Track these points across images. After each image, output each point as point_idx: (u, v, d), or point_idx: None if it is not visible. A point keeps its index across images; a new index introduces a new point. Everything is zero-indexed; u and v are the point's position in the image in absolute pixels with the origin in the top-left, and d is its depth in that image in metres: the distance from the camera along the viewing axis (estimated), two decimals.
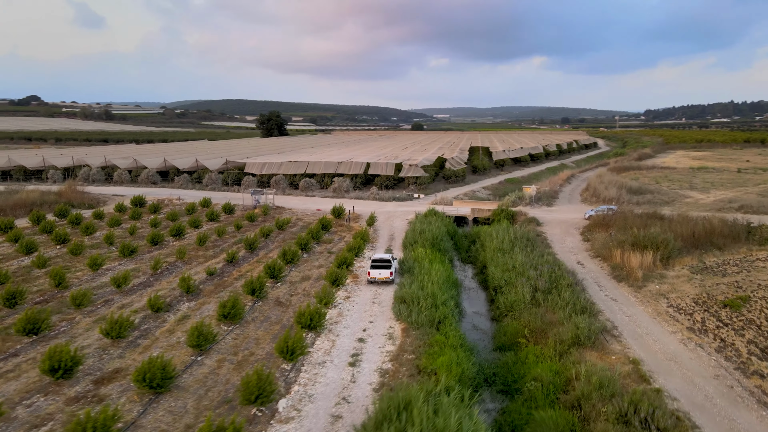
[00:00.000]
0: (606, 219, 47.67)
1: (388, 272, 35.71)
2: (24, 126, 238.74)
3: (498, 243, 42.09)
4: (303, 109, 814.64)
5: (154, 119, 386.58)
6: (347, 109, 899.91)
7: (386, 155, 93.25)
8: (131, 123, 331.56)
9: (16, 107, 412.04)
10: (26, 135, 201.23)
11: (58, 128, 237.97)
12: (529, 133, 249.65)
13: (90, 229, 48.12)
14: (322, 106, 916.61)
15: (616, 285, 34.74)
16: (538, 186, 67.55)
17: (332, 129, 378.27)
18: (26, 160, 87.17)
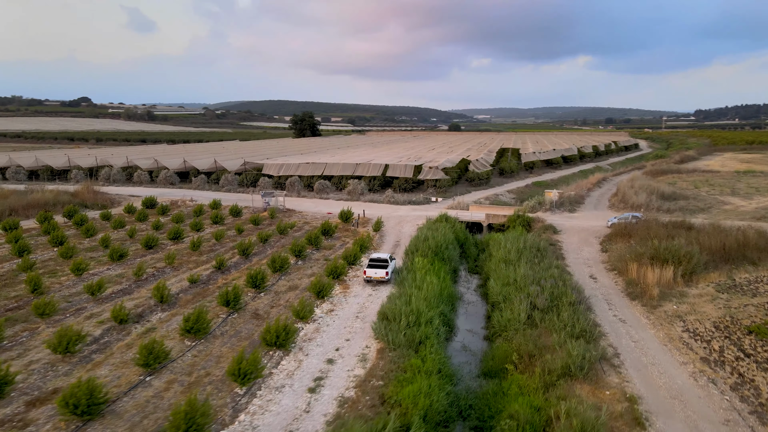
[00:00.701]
0: (628, 228, 43.88)
1: (383, 272, 35.41)
2: (68, 126, 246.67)
3: (504, 253, 39.06)
4: (343, 110, 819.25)
5: (195, 120, 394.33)
6: (387, 110, 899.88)
7: (409, 156, 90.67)
8: (172, 123, 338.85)
9: (66, 108, 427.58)
10: (69, 135, 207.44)
11: (100, 129, 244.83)
12: (568, 134, 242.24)
13: (90, 231, 47.48)
14: (362, 107, 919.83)
15: (628, 303, 31.30)
16: (561, 191, 63.73)
17: (368, 129, 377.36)
18: (52, 160, 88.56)
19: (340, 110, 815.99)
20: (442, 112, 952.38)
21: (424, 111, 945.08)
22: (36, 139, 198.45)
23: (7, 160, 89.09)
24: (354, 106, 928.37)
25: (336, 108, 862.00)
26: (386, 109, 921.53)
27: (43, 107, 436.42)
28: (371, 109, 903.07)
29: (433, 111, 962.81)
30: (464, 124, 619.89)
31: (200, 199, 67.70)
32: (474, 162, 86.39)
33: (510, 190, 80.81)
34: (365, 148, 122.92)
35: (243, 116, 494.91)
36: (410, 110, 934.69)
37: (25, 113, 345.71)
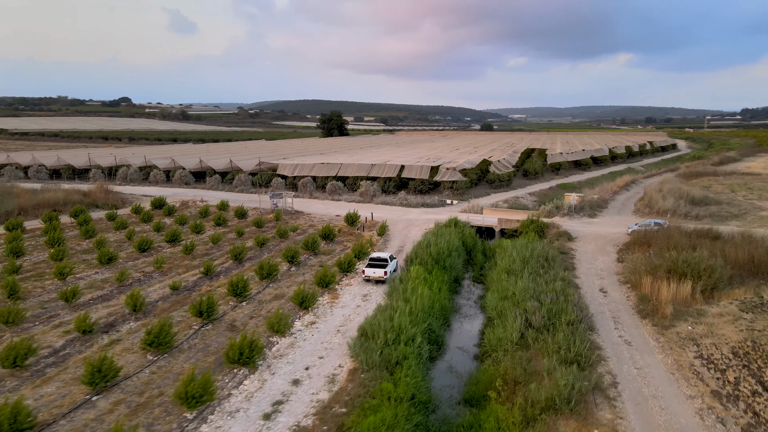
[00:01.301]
0: (647, 236, 40.55)
1: (382, 271, 35.46)
2: (104, 126, 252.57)
3: (508, 262, 36.38)
4: (376, 109, 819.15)
5: (228, 119, 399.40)
6: (420, 109, 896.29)
7: (428, 157, 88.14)
8: (205, 123, 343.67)
9: (105, 108, 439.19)
10: (104, 134, 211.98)
11: (134, 128, 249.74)
12: (602, 134, 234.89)
13: (90, 233, 46.81)
14: (396, 106, 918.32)
15: (638, 322, 28.33)
16: (582, 194, 60.25)
17: (399, 129, 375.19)
18: (74, 160, 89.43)
19: (374, 110, 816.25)
20: (476, 112, 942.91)
21: (458, 110, 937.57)
22: (72, 138, 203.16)
23: (30, 159, 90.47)
24: (388, 106, 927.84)
25: (369, 108, 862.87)
26: (420, 108, 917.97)
27: (84, 107, 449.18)
28: (405, 108, 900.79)
29: (468, 110, 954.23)
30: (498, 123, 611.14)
31: (211, 200, 66.83)
32: (495, 163, 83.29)
33: (532, 193, 77.52)
34: (388, 148, 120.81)
35: (276, 116, 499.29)
36: (444, 110, 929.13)
37: (66, 113, 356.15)
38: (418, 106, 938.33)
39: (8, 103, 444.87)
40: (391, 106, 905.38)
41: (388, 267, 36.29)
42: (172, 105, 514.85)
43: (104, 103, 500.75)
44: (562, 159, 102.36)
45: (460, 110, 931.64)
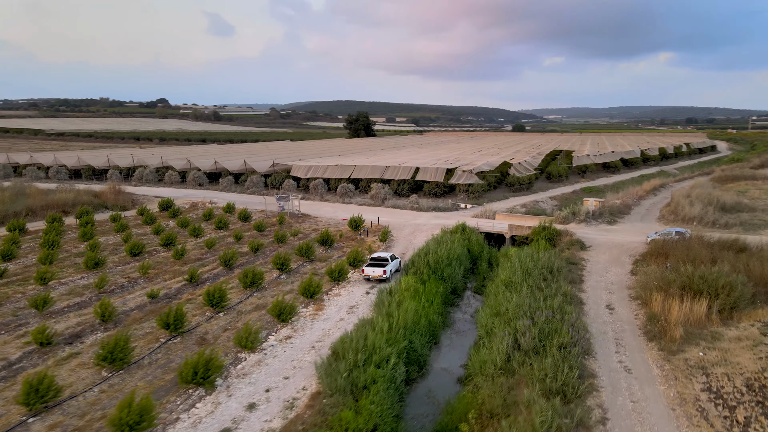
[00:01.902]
0: (665, 247, 37.34)
1: (381, 270, 35.58)
2: (138, 127, 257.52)
3: (508, 273, 33.82)
4: (409, 110, 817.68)
5: (259, 120, 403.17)
6: (453, 110, 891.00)
7: (447, 159, 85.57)
8: (236, 124, 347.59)
9: (142, 109, 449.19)
10: (137, 135, 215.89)
11: (166, 129, 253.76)
12: (637, 135, 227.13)
13: (88, 235, 46.17)
14: (429, 107, 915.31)
15: (643, 345, 25.51)
16: (602, 199, 56.80)
17: (429, 130, 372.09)
18: (94, 160, 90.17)
19: (407, 110, 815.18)
20: (510, 112, 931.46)
21: (492, 111, 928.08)
22: (105, 138, 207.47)
23: (52, 159, 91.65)
24: (421, 107, 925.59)
25: (402, 108, 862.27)
26: (453, 109, 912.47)
27: (122, 108, 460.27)
28: (438, 109, 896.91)
29: (501, 111, 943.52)
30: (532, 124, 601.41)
31: (221, 202, 65.93)
32: (515, 165, 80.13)
33: (553, 197, 74.17)
34: (410, 150, 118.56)
35: (307, 116, 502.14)
36: (477, 110, 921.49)
37: (104, 114, 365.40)
38: (450, 107, 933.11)
39: (51, 105, 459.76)
40: (424, 107, 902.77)
41: (389, 266, 36.42)
42: (206, 106, 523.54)
43: (141, 105, 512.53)
44: (589, 161, 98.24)
45: (493, 111, 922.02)
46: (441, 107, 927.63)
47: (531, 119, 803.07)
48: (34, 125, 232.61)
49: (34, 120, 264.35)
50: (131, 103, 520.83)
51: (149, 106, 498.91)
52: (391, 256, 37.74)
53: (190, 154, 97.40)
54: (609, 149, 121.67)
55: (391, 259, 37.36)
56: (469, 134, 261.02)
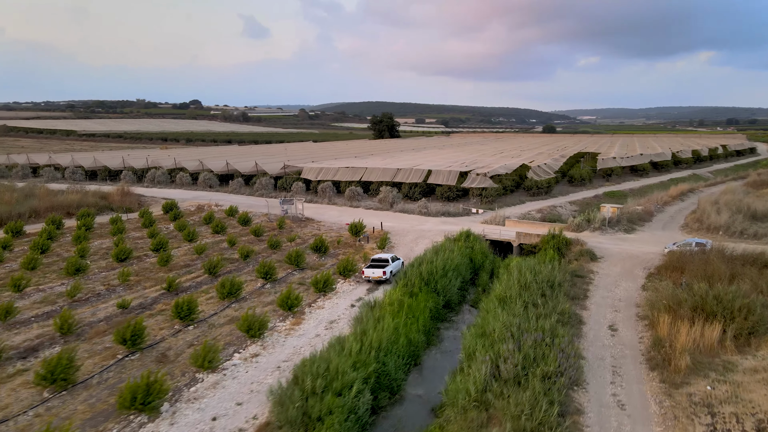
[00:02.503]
0: (681, 260, 34.10)
1: (381, 271, 35.73)
2: (166, 127, 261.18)
3: (504, 288, 31.18)
4: (439, 111, 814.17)
5: (288, 121, 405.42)
6: (484, 111, 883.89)
7: (464, 161, 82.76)
8: (264, 125, 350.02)
9: (173, 110, 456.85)
10: (164, 136, 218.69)
11: (194, 129, 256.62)
12: (672, 136, 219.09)
13: (80, 239, 45.24)
14: (459, 108, 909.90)
15: (644, 375, 22.64)
16: (620, 206, 53.22)
17: (457, 131, 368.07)
18: (109, 161, 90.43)
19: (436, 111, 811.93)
20: (542, 113, 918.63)
21: (523, 112, 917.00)
22: (134, 139, 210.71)
23: (69, 160, 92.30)
24: (451, 108, 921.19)
25: (432, 109, 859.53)
26: (483, 110, 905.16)
27: (155, 110, 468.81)
28: (468, 110, 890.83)
29: (533, 112, 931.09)
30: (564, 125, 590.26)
31: (227, 204, 64.68)
32: (534, 168, 76.81)
33: (573, 201, 70.71)
34: (430, 151, 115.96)
35: (335, 117, 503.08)
36: (508, 111, 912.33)
37: (137, 115, 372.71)
38: (481, 108, 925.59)
39: (88, 106, 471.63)
40: (455, 108, 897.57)
41: (389, 267, 36.55)
42: (237, 107, 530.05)
43: (174, 106, 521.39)
44: (615, 164, 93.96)
45: (525, 112, 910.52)
46: (472, 108, 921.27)
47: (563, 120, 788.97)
48: (68, 126, 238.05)
49: (68, 121, 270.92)
50: (164, 105, 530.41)
51: (181, 108, 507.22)
52: (392, 257, 37.91)
53: (205, 155, 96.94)
54: (638, 151, 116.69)
55: (392, 260, 37.56)
56: (496, 136, 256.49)
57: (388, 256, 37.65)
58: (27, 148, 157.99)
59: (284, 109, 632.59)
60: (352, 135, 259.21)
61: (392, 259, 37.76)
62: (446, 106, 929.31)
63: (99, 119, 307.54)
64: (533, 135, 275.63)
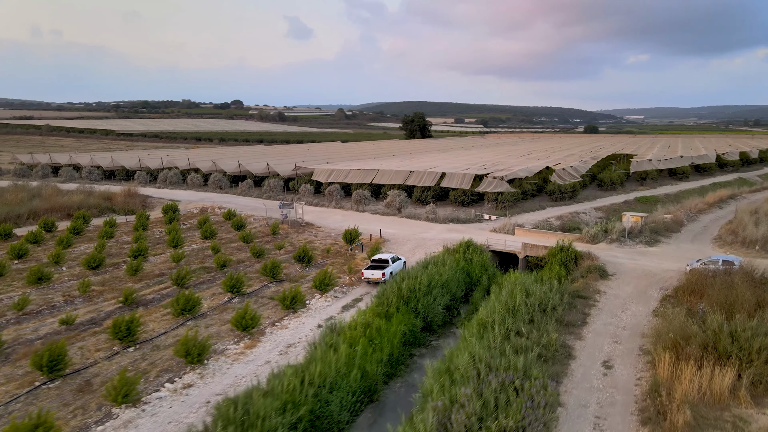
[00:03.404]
0: (701, 281, 29.48)
1: (380, 273, 35.24)
2: (201, 127, 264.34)
3: (489, 311, 27.34)
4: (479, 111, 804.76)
5: (323, 121, 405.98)
6: (526, 111, 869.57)
7: (484, 163, 78.46)
8: (300, 124, 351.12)
9: (213, 110, 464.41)
10: (198, 135, 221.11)
11: (227, 129, 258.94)
12: (721, 137, 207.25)
13: (64, 243, 43.62)
14: (500, 108, 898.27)
15: (633, 431, 18.58)
16: (643, 214, 48.10)
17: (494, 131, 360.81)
18: (126, 161, 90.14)
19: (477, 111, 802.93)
20: (587, 113, 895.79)
21: (567, 111, 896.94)
22: (170, 139, 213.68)
23: (89, 160, 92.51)
24: (492, 107, 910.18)
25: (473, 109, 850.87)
26: (526, 109, 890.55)
27: (196, 110, 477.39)
28: (510, 110, 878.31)
29: (577, 111, 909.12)
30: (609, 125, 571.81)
31: (231, 206, 62.62)
32: (559, 171, 71.84)
33: (599, 207, 65.70)
34: (455, 152, 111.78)
35: (373, 117, 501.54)
36: (552, 111, 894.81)
37: (177, 115, 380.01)
38: (523, 108, 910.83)
39: (133, 107, 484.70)
40: (496, 108, 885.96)
41: (389, 268, 35.99)
42: (275, 107, 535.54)
43: (215, 106, 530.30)
44: (651, 167, 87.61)
45: (568, 111, 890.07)
46: (513, 108, 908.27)
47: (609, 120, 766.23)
48: (108, 126, 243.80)
49: (109, 121, 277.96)
50: (206, 105, 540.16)
51: (222, 108, 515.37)
52: (393, 258, 37.38)
53: (222, 156, 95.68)
54: (678, 153, 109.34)
55: (392, 260, 37.07)
56: (532, 136, 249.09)
57: (388, 257, 37.16)
58: (66, 147, 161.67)
59: (323, 109, 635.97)
60: (386, 135, 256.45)
61: (392, 260, 37.22)
62: (487, 106, 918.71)
63: (139, 119, 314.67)
64: (572, 135, 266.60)
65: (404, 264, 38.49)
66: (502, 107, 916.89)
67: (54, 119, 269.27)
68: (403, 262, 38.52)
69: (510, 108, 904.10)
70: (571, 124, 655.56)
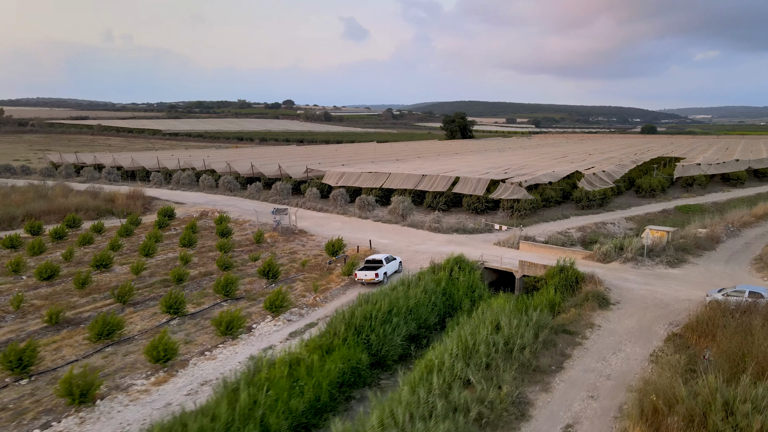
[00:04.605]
0: (713, 321, 23.87)
1: (373, 273, 34.63)
2: (245, 127, 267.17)
3: (440, 352, 22.77)
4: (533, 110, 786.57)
5: (370, 121, 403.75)
6: (582, 110, 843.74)
7: (508, 167, 72.89)
8: (345, 124, 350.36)
9: (264, 110, 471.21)
10: (240, 135, 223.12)
11: (271, 129, 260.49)
12: None
13: (36, 249, 41.79)
14: (556, 107, 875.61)
15: None
16: (671, 229, 41.69)
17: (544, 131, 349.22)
18: (146, 162, 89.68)
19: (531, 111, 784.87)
20: (648, 112, 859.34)
21: (627, 111, 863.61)
22: (212, 138, 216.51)
23: (111, 160, 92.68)
24: (548, 107, 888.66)
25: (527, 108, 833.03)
26: (582, 109, 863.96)
27: (249, 110, 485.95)
28: (566, 109, 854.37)
29: (638, 111, 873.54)
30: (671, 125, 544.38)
31: (232, 210, 60.14)
32: (588, 176, 65.48)
33: (632, 217, 59.28)
34: (490, 153, 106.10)
35: (421, 117, 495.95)
36: (610, 110, 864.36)
37: (226, 115, 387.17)
38: (580, 107, 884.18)
39: (187, 107, 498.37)
40: (551, 107, 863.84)
41: (383, 269, 35.43)
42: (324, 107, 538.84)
43: (267, 106, 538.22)
44: (699, 171, 79.44)
45: (628, 110, 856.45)
46: (569, 107, 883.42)
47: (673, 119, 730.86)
48: (157, 126, 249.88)
49: (158, 121, 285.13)
50: (258, 105, 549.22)
51: (273, 107, 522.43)
52: (387, 257, 36.75)
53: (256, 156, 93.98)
54: (735, 156, 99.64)
55: (386, 260, 36.37)
56: (581, 136, 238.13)
57: (381, 257, 36.57)
58: (112, 147, 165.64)
59: (372, 109, 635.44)
60: (430, 135, 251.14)
61: (386, 260, 36.52)
62: (542, 106, 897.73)
63: (187, 119, 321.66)
64: (625, 136, 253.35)
65: (400, 264, 38.25)
66: (557, 107, 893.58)
67: (107, 119, 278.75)
68: (399, 262, 38.19)
69: (565, 107, 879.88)
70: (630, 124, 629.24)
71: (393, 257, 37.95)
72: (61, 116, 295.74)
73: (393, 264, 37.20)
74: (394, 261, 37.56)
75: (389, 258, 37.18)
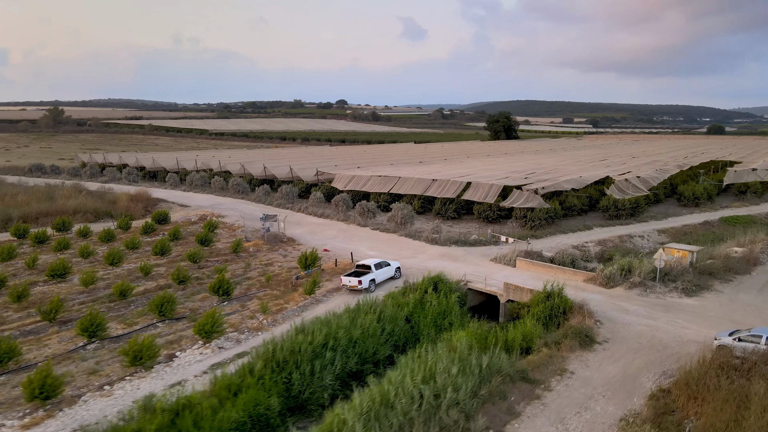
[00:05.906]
0: (704, 381, 18.56)
1: (356, 280, 32.54)
2: (290, 127, 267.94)
3: (348, 407, 18.63)
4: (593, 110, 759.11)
5: (419, 120, 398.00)
6: (646, 110, 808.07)
7: (534, 170, 67.15)
8: (392, 124, 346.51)
9: (314, 110, 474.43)
10: (283, 135, 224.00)
11: (315, 128, 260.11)
12: None
13: (6, 254, 40.36)
14: (617, 106, 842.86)
15: None
16: (699, 248, 35.43)
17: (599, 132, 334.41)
18: (166, 162, 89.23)
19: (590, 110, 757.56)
20: (719, 111, 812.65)
21: (695, 110, 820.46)
22: (256, 138, 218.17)
23: (135, 160, 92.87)
24: (608, 106, 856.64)
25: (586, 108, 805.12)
26: (646, 108, 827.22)
27: (300, 110, 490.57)
28: (629, 108, 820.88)
29: (708, 110, 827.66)
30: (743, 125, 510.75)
31: (232, 215, 57.71)
32: (619, 182, 58.96)
33: (666, 230, 52.82)
34: (519, 156, 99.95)
35: (472, 117, 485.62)
36: (677, 109, 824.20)
37: (274, 115, 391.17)
38: (644, 106, 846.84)
39: (240, 107, 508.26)
40: (612, 106, 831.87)
41: (369, 276, 33.01)
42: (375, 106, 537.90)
43: (319, 105, 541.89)
44: (754, 178, 70.89)
45: (697, 110, 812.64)
46: (632, 106, 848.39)
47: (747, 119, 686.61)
48: (204, 126, 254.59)
49: (206, 121, 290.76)
50: (310, 105, 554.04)
51: (325, 107, 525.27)
52: (377, 263, 34.22)
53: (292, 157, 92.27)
54: None
55: (376, 267, 33.79)
56: (636, 137, 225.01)
57: (371, 262, 34.10)
58: (159, 146, 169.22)
59: (424, 109, 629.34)
60: (478, 135, 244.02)
61: (377, 266, 33.86)
62: (602, 105, 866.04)
63: (235, 119, 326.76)
64: (686, 137, 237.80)
65: (397, 270, 35.61)
66: (619, 105, 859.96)
67: (159, 119, 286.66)
68: (396, 268, 35.54)
69: (627, 106, 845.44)
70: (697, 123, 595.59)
71: (387, 263, 35.22)
72: (117, 116, 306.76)
73: (386, 270, 34.67)
74: (387, 267, 34.91)
75: (381, 264, 34.58)
